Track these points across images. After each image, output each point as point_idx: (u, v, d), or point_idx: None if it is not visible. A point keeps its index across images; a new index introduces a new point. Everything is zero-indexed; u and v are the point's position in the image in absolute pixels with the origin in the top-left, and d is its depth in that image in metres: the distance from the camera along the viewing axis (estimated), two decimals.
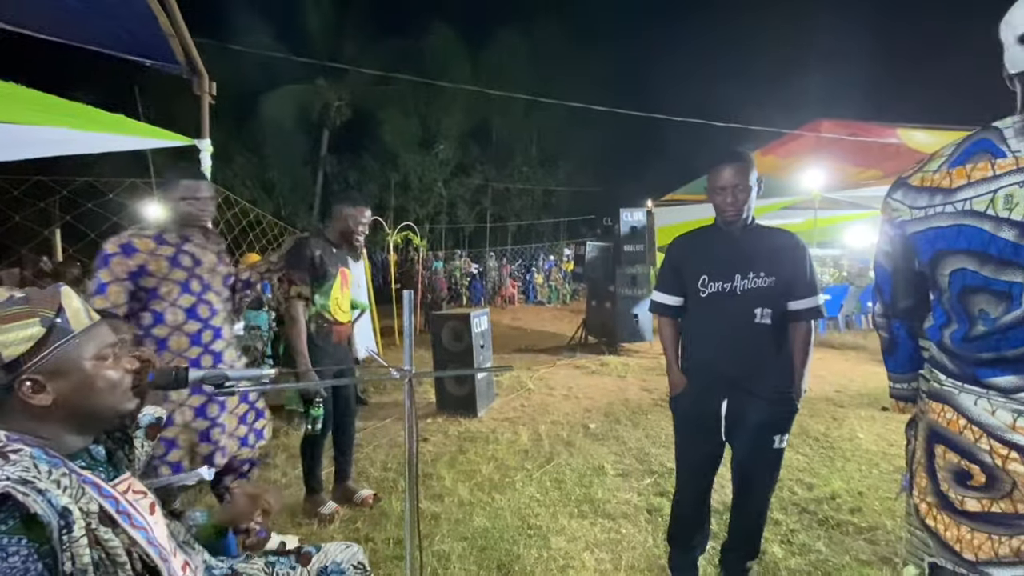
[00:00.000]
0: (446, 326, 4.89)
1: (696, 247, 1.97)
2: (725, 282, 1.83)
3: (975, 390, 0.98)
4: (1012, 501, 0.92)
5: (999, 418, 0.93)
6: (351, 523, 2.82)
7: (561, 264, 17.63)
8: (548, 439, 4.05)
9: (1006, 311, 0.94)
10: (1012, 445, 0.92)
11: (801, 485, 3.14)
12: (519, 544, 2.56)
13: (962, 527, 0.99)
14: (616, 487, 3.18)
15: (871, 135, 7.04)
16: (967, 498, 0.98)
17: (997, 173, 0.91)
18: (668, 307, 2.01)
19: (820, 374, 6.03)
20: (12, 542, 0.73)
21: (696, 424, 1.96)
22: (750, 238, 1.87)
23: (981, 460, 0.96)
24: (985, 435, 0.95)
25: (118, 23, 2.48)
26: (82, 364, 0.92)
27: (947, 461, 1.01)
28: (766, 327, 1.83)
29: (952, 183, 0.98)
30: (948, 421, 1.02)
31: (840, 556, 2.41)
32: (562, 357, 7.47)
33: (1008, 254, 0.91)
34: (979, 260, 0.95)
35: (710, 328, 1.90)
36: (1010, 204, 0.88)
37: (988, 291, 0.96)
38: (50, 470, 0.81)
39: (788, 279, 1.83)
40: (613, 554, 2.48)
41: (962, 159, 0.98)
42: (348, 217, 2.78)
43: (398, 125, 20.95)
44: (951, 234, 0.98)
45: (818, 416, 4.49)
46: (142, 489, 0.98)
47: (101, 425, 1.01)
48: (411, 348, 1.72)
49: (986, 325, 0.98)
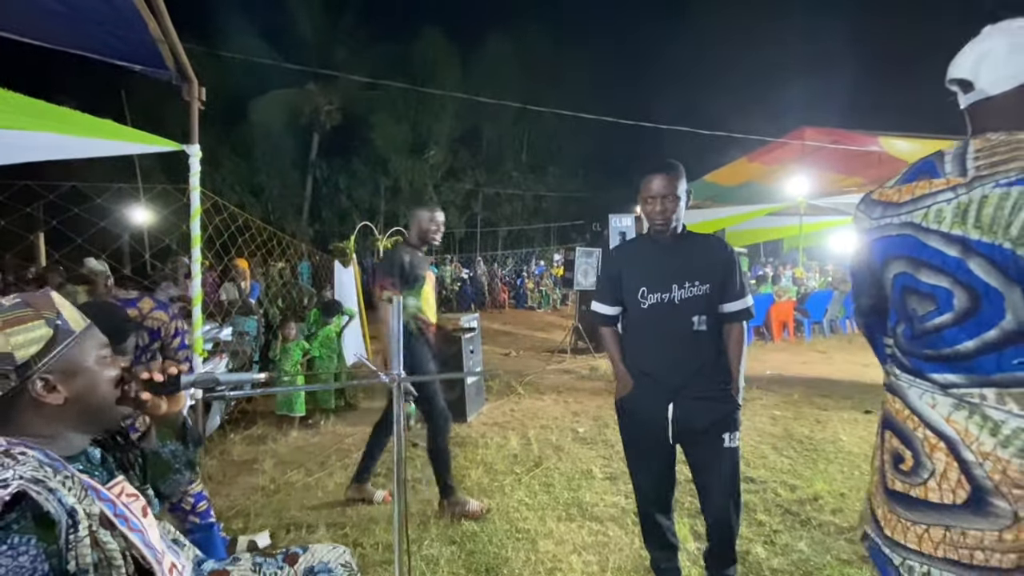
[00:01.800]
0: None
1: (633, 259, 2.02)
2: (663, 293, 1.88)
3: (922, 384, 1.08)
4: (926, 488, 1.03)
5: (938, 411, 1.04)
6: (339, 528, 2.82)
7: (551, 269, 17.69)
8: (537, 443, 4.07)
9: (935, 313, 1.06)
10: (942, 435, 1.02)
11: (784, 487, 3.19)
12: (507, 547, 2.58)
13: (887, 505, 1.12)
14: (604, 490, 3.21)
15: (854, 143, 7.20)
16: (897, 479, 1.10)
17: (933, 191, 1.04)
18: (608, 317, 2.07)
19: (804, 377, 6.11)
20: (23, 541, 0.74)
21: (643, 432, 1.98)
22: (683, 247, 1.93)
23: (914, 447, 1.06)
24: (922, 425, 1.06)
25: (106, 28, 2.48)
26: (88, 363, 0.95)
27: (891, 445, 1.13)
28: (704, 333, 1.88)
29: (900, 198, 1.12)
30: (896, 410, 1.13)
31: (822, 556, 2.46)
32: (552, 362, 7.50)
33: (936, 261, 1.03)
34: (914, 265, 1.08)
35: (651, 339, 1.95)
36: (939, 217, 1.02)
37: (918, 292, 1.09)
38: (54, 472, 0.83)
39: (721, 284, 1.89)
40: (600, 556, 2.50)
41: (910, 178, 1.12)
42: (425, 220, 2.97)
43: (388, 130, 20.97)
44: (896, 242, 1.11)
45: (802, 419, 4.56)
46: (134, 492, 1.00)
47: (106, 423, 1.03)
48: (400, 353, 1.75)
49: (917, 323, 1.10)
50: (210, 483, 3.36)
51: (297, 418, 4.63)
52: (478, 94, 14.87)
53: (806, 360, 7.23)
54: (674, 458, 2.03)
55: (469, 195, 23.70)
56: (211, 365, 4.14)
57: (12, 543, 0.74)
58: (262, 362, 5.51)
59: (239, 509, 3.04)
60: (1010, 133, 1.00)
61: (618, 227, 8.46)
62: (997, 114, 1.03)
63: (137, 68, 2.77)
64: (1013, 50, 0.99)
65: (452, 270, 16.04)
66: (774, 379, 5.99)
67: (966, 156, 1.03)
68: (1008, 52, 1.00)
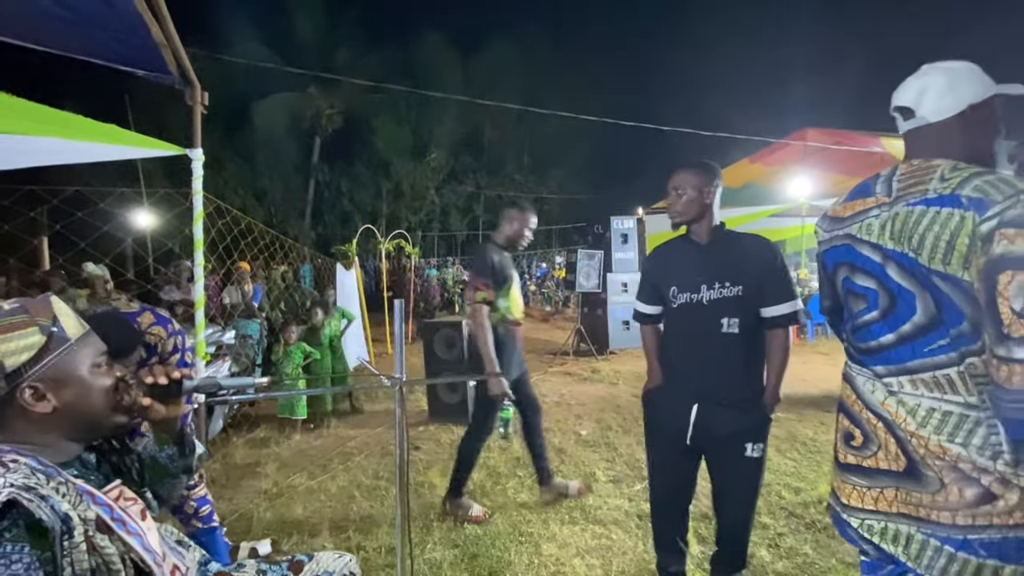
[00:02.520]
0: (438, 334, 4.90)
1: (668, 259, 2.03)
2: (692, 293, 1.87)
3: (864, 372, 1.26)
4: (876, 459, 1.20)
5: (875, 396, 1.21)
6: (342, 532, 2.81)
7: (554, 272, 17.67)
8: None
9: (866, 310, 1.25)
10: (880, 417, 1.20)
11: (789, 489, 3.17)
12: (510, 551, 2.57)
13: (840, 477, 1.30)
14: (607, 494, 3.20)
15: (856, 144, 7.17)
16: (849, 454, 1.28)
17: (866, 208, 1.25)
18: (647, 315, 2.09)
19: (806, 379, 6.09)
20: (15, 550, 0.74)
21: (663, 428, 1.99)
22: (718, 247, 1.89)
23: (862, 427, 1.25)
24: (866, 408, 1.24)
25: (109, 33, 2.48)
26: (80, 371, 0.93)
27: (843, 425, 1.32)
28: (734, 336, 1.82)
29: (844, 213, 1.32)
30: (847, 395, 1.32)
31: (827, 559, 2.45)
32: (554, 364, 7.49)
33: (867, 267, 1.23)
34: (852, 270, 1.29)
35: (680, 338, 1.97)
36: (869, 230, 1.22)
37: (854, 293, 1.29)
38: (47, 479, 0.82)
39: (757, 286, 1.82)
40: (603, 560, 2.49)
41: (853, 196, 1.32)
42: (518, 221, 2.94)
43: (390, 133, 20.98)
44: (841, 251, 1.32)
45: (806, 421, 4.54)
46: (132, 496, 0.99)
47: (99, 431, 1.01)
48: (403, 356, 1.74)
49: (856, 319, 1.29)
50: (213, 487, 3.35)
51: (299, 421, 4.63)
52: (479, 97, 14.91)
53: (809, 361, 7.21)
54: (696, 464, 2.00)
55: (471, 198, 23.70)
56: (214, 368, 4.15)
57: (4, 551, 0.73)
58: (264, 365, 5.51)
59: (242, 513, 3.04)
60: (927, 160, 1.17)
61: (620, 229, 8.46)
62: (931, 139, 1.20)
63: (140, 72, 2.78)
64: (951, 86, 1.17)
65: (454, 272, 16.02)
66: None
67: (893, 179, 1.22)
68: (946, 87, 1.18)
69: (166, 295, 5.27)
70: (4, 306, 0.89)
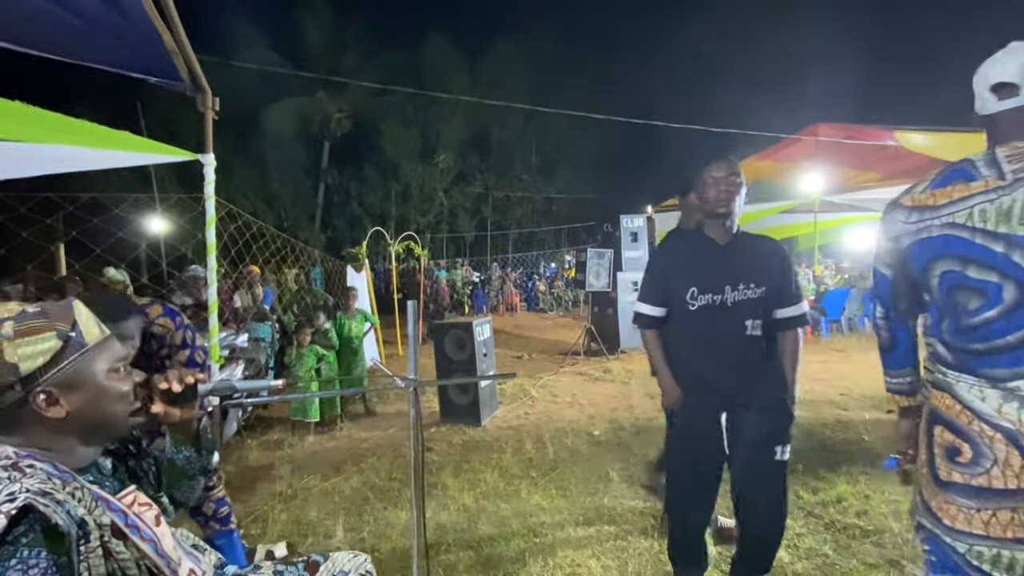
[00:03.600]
0: (449, 335, 4.90)
1: (683, 256, 1.91)
2: (715, 294, 1.78)
3: (969, 379, 1.14)
4: (989, 477, 1.09)
5: (988, 404, 1.10)
6: (356, 533, 2.82)
7: (563, 271, 17.64)
8: (553, 447, 4.04)
9: (985, 307, 1.12)
10: (998, 427, 1.08)
11: (806, 489, 3.13)
12: (525, 552, 2.56)
13: (942, 496, 1.17)
14: (622, 494, 3.17)
15: (869, 138, 7.07)
16: (954, 471, 1.15)
17: (972, 193, 1.12)
18: (653, 318, 1.95)
19: (824, 377, 6.01)
20: (33, 555, 0.74)
21: (698, 441, 1.88)
22: (736, 247, 1.84)
23: (972, 440, 1.12)
24: (976, 418, 1.11)
25: (123, 41, 2.51)
26: (96, 377, 0.93)
27: (943, 439, 1.18)
28: (757, 338, 1.79)
29: (937, 201, 1.18)
30: (947, 406, 1.18)
31: (847, 560, 2.40)
32: (565, 364, 7.46)
33: (984, 257, 1.10)
34: (961, 262, 1.14)
35: (702, 342, 1.84)
36: (984, 217, 1.09)
37: (967, 288, 1.15)
38: (63, 484, 0.82)
39: (776, 288, 1.81)
40: (620, 562, 2.47)
41: (943, 183, 1.19)
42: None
43: (398, 136, 21.10)
44: (939, 242, 1.17)
45: (822, 419, 4.48)
46: (147, 501, 0.99)
47: (112, 437, 1.02)
48: (415, 357, 1.74)
49: (968, 318, 1.15)
50: (228, 489, 3.37)
51: (312, 423, 4.65)
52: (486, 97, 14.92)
53: (825, 359, 7.12)
54: (721, 473, 1.93)
55: (479, 198, 23.72)
56: (227, 371, 4.18)
57: (22, 556, 0.73)
58: (277, 368, 5.55)
59: (257, 515, 3.06)
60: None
61: (630, 227, 8.42)
62: None
63: (152, 80, 2.81)
64: None
65: (463, 274, 16.05)
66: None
67: (999, 161, 1.11)
68: None
69: (178, 299, 5.32)
70: (28, 310, 0.90)
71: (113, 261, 4.30)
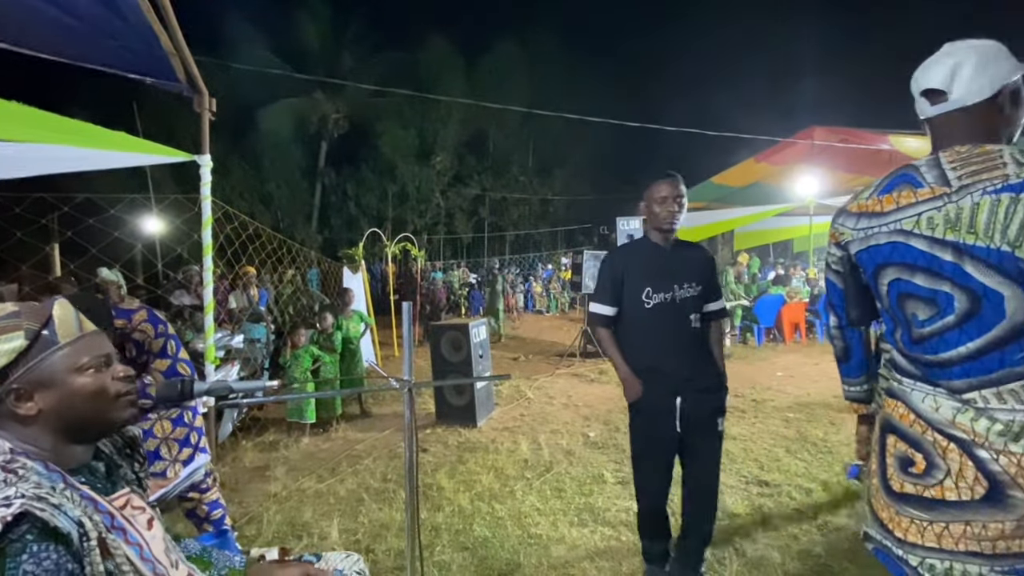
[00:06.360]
0: (445, 336, 4.90)
1: (636, 261, 2.15)
2: (666, 293, 2.06)
3: (925, 388, 1.12)
4: (942, 488, 1.06)
5: (942, 414, 1.07)
6: (351, 534, 2.82)
7: (559, 273, 17.64)
8: (548, 448, 4.05)
9: (937, 316, 1.09)
10: (951, 438, 1.06)
11: (799, 490, 3.15)
12: (520, 553, 2.57)
13: (894, 508, 1.14)
14: (616, 495, 3.19)
15: (863, 142, 7.12)
16: (906, 482, 1.12)
17: (919, 200, 1.10)
18: (608, 318, 2.17)
19: (817, 379, 6.04)
20: (42, 548, 0.75)
21: (657, 425, 2.10)
22: (678, 252, 2.13)
23: (925, 450, 1.09)
24: (930, 428, 1.09)
25: (120, 42, 2.52)
26: (66, 374, 0.92)
27: (896, 449, 1.15)
28: (699, 329, 2.11)
29: (883, 208, 1.16)
30: (900, 415, 1.16)
31: (840, 561, 2.42)
32: (561, 366, 7.48)
33: (933, 266, 1.08)
34: (909, 271, 1.12)
35: (658, 335, 2.09)
36: (931, 224, 1.07)
37: (917, 297, 1.12)
38: (53, 486, 0.83)
39: (707, 286, 2.13)
40: (613, 562, 2.48)
41: (888, 188, 1.16)
42: None
43: (395, 137, 21.09)
44: (887, 250, 1.15)
45: (816, 421, 4.51)
46: (141, 504, 0.99)
47: (95, 435, 1.01)
48: (411, 358, 1.75)
49: (920, 328, 1.13)
50: (223, 490, 3.37)
51: (308, 424, 4.64)
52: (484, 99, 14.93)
53: (819, 361, 7.14)
54: (676, 450, 2.15)
55: (476, 200, 23.73)
56: (223, 372, 4.17)
57: (32, 551, 0.74)
58: (272, 369, 5.54)
59: (252, 516, 3.06)
60: (975, 145, 1.07)
61: (626, 230, 8.44)
62: (965, 123, 1.10)
63: (149, 80, 2.82)
64: (982, 66, 1.07)
65: (460, 275, 16.04)
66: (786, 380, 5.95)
67: (942, 167, 1.09)
68: (979, 67, 1.07)
69: (176, 300, 5.31)
70: (11, 309, 0.91)
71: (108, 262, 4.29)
